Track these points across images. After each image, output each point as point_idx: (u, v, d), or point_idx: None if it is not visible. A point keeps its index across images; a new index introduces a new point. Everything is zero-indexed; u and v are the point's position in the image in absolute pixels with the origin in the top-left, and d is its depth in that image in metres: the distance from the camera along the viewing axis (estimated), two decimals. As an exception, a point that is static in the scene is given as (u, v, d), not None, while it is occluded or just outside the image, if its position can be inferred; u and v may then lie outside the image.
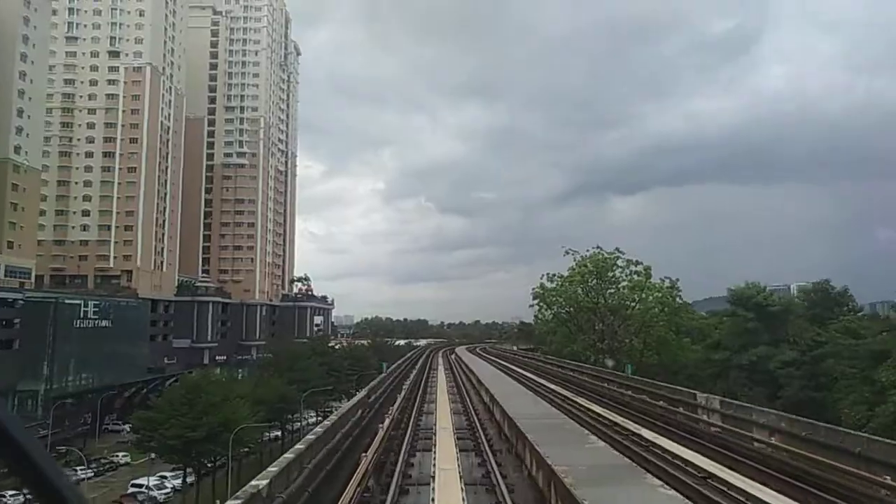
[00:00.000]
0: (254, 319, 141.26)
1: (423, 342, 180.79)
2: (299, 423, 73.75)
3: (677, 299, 56.66)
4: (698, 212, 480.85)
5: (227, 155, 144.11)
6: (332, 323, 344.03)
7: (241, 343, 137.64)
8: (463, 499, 12.83)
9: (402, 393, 39.65)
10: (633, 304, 56.67)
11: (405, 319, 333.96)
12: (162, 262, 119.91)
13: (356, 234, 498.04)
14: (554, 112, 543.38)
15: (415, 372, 60.19)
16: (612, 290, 58.33)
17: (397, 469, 17.79)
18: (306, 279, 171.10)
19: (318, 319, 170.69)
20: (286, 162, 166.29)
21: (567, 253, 59.61)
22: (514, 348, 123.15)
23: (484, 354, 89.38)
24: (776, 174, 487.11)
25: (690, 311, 63.66)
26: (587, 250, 59.53)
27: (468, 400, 35.95)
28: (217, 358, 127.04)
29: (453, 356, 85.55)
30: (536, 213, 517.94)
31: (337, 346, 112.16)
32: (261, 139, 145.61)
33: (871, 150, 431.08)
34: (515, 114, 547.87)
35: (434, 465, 16.50)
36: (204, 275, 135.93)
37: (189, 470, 50.11)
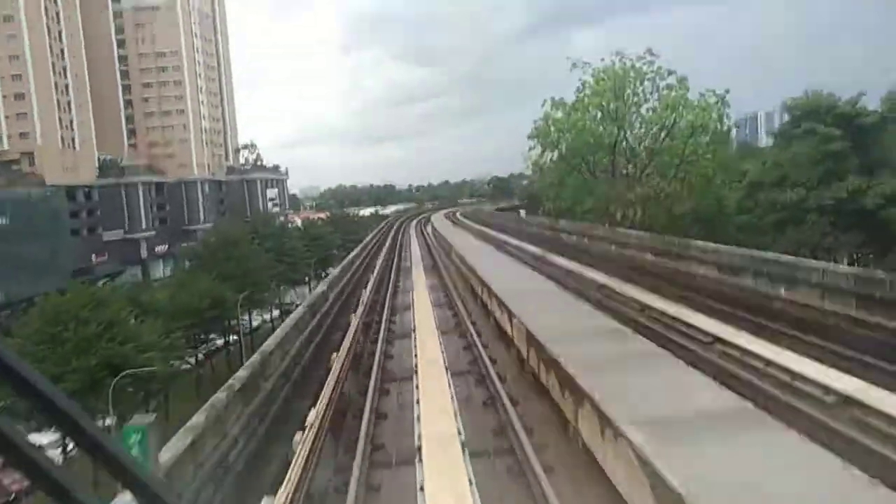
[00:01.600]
0: (195, 199, 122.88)
1: (391, 209, 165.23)
2: (248, 326, 59.35)
3: (725, 120, 40.83)
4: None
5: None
6: (294, 195, 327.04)
7: (185, 229, 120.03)
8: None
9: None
10: (665, 131, 41.12)
11: (371, 186, 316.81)
12: (73, 139, 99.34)
13: (312, 96, 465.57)
14: None
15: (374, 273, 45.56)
16: (637, 116, 42.51)
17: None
18: (253, 146, 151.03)
19: (271, 193, 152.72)
20: (213, 2, 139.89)
21: (574, 67, 42.81)
22: (493, 209, 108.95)
23: (468, 223, 70.56)
24: None
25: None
26: (601, 59, 42.83)
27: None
28: (157, 249, 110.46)
29: (429, 228, 68.11)
30: (500, 55, 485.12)
31: (290, 224, 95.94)
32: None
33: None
34: None
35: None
36: (130, 150, 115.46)
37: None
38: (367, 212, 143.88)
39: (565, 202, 48.12)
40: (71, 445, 27.91)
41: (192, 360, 50.16)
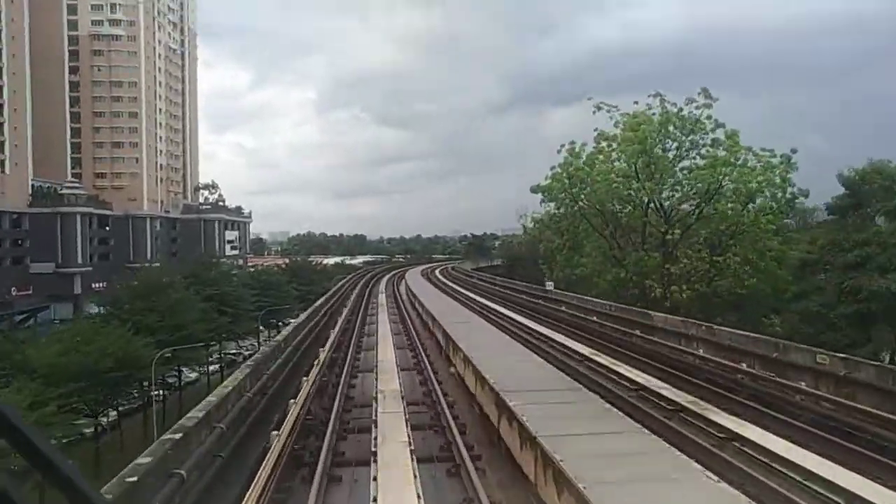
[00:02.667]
0: (143, 235, 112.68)
1: (360, 260, 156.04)
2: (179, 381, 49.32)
3: (789, 191, 33.44)
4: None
5: (96, 23, 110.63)
6: (261, 239, 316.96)
7: (129, 266, 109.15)
8: None
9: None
10: (710, 193, 33.32)
11: (341, 235, 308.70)
12: (3, 161, 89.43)
13: (289, 147, 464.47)
14: (492, 14, 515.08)
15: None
16: (673, 172, 35.05)
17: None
18: (214, 186, 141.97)
19: (230, 235, 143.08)
20: (183, 40, 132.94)
21: (598, 109, 35.60)
22: (471, 268, 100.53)
23: (459, 290, 51.72)
24: (714, 84, 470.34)
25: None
26: (634, 103, 35.74)
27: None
28: (94, 285, 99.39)
29: (404, 290, 52.23)
30: (475, 125, 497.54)
31: (236, 272, 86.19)
32: (140, 3, 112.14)
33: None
34: (452, 17, 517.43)
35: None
36: (74, 180, 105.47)
37: None
38: (332, 261, 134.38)
39: (582, 270, 39.69)
40: None
41: (91, 429, 40.30)
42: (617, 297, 34.35)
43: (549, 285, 31.78)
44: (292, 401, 14.32)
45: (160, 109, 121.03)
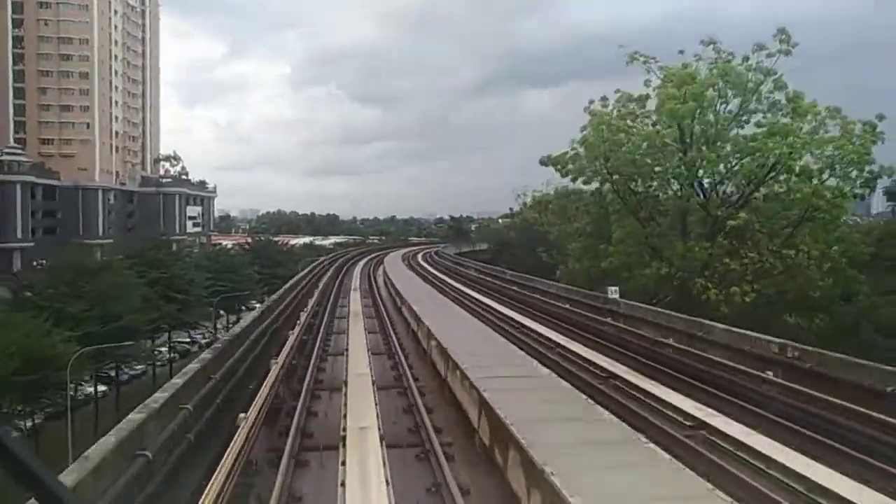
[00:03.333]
0: (94, 208, 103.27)
1: (331, 241, 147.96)
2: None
3: (867, 169, 26.79)
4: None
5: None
6: (229, 216, 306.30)
7: (78, 242, 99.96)
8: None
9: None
10: (771, 166, 26.99)
11: (313, 214, 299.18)
12: (-69, 121, 79.77)
13: (263, 123, 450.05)
14: None
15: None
16: (733, 146, 28.34)
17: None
18: (176, 158, 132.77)
19: (193, 210, 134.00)
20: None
21: (634, 60, 28.91)
22: (454, 253, 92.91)
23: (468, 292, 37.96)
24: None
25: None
26: (679, 52, 29.14)
27: None
28: (36, 263, 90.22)
29: (383, 282, 43.23)
30: (452, 106, 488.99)
31: (195, 250, 77.91)
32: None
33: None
34: None
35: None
36: (15, 146, 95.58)
37: None
38: (301, 242, 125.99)
39: (610, 262, 32.35)
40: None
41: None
42: (649, 299, 27.84)
43: (614, 293, 24.36)
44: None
45: (116, 71, 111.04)
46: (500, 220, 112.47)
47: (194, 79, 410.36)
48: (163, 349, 54.78)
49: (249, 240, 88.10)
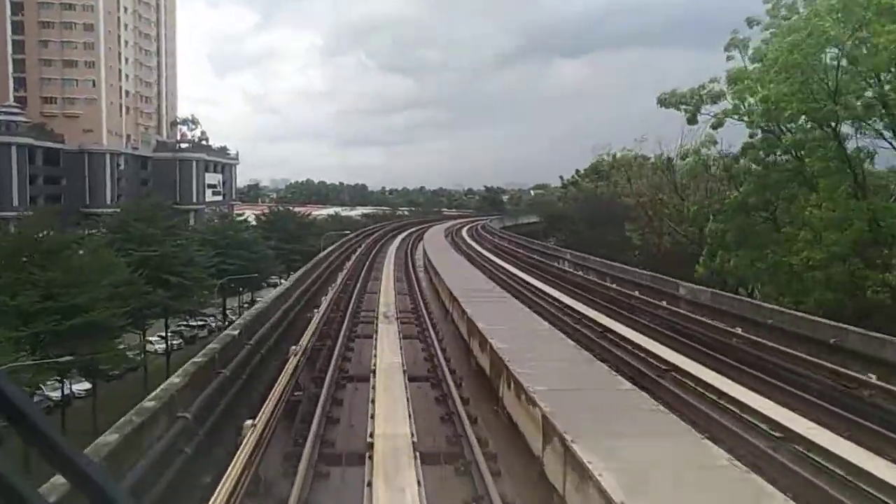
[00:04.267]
0: (101, 174, 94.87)
1: (358, 212, 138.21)
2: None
3: None
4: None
5: None
6: (257, 185, 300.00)
7: (84, 211, 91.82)
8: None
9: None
10: None
11: (341, 184, 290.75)
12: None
13: (293, 93, 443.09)
14: None
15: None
16: None
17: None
18: (194, 122, 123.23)
19: (212, 178, 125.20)
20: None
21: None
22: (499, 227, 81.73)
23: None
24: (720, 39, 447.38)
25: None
26: None
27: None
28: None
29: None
30: (482, 76, 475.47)
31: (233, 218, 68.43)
32: None
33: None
34: None
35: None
36: (14, 104, 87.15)
37: None
38: (325, 213, 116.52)
39: (804, 258, 21.16)
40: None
41: None
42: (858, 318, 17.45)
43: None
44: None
45: (126, 25, 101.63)
46: (554, 190, 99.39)
47: (225, 49, 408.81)
48: (161, 336, 46.14)
49: (256, 213, 78.50)
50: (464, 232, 69.48)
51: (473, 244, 54.88)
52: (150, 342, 46.11)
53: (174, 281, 42.84)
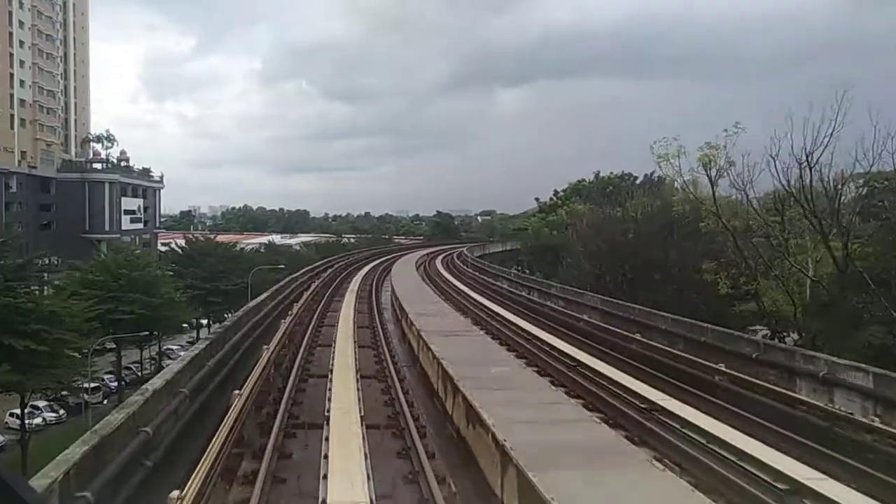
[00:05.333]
0: (-15, 198, 79.11)
1: (298, 241, 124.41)
2: None
3: None
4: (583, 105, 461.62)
5: None
6: (189, 212, 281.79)
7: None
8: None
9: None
10: None
11: (281, 210, 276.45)
12: None
13: (234, 118, 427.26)
14: None
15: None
16: None
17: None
18: (109, 139, 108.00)
19: (131, 203, 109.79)
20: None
21: None
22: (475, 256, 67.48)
23: None
24: (655, 69, 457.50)
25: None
26: None
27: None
28: None
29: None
30: (423, 103, 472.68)
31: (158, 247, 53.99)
32: None
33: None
34: None
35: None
36: None
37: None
38: (259, 242, 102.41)
39: None
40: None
41: None
42: None
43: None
44: None
45: (21, 22, 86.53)
46: (532, 217, 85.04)
47: (163, 73, 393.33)
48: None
49: (183, 242, 64.34)
50: (443, 270, 55.02)
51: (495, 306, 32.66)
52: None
53: (20, 347, 29.34)
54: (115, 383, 47.53)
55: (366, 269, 56.94)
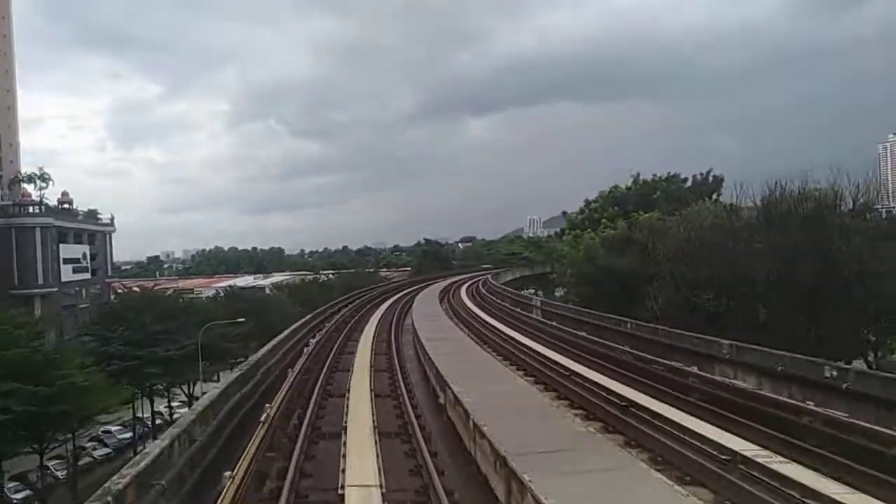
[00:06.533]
0: None
1: (270, 282, 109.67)
2: None
3: None
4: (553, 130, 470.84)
5: None
6: (157, 257, 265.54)
7: None
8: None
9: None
10: None
11: (255, 249, 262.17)
12: None
13: (203, 161, 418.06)
14: (408, 26, 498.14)
15: None
16: None
17: None
18: (45, 178, 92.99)
19: (72, 251, 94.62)
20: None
21: None
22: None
23: None
24: (619, 91, 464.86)
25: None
26: None
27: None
28: None
29: None
30: (392, 135, 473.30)
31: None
32: None
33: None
34: (369, 27, 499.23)
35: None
36: None
37: None
38: (224, 285, 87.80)
39: None
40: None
41: None
42: None
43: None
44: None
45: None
46: (566, 236, 65.54)
47: (130, 120, 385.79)
48: None
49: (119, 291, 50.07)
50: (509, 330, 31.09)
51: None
52: None
53: None
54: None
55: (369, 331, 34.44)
